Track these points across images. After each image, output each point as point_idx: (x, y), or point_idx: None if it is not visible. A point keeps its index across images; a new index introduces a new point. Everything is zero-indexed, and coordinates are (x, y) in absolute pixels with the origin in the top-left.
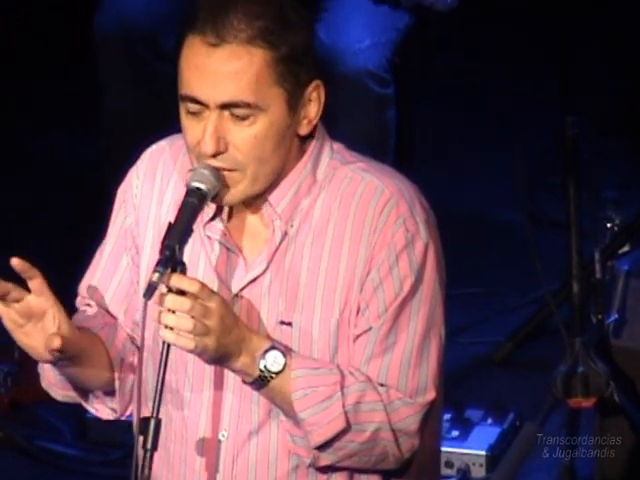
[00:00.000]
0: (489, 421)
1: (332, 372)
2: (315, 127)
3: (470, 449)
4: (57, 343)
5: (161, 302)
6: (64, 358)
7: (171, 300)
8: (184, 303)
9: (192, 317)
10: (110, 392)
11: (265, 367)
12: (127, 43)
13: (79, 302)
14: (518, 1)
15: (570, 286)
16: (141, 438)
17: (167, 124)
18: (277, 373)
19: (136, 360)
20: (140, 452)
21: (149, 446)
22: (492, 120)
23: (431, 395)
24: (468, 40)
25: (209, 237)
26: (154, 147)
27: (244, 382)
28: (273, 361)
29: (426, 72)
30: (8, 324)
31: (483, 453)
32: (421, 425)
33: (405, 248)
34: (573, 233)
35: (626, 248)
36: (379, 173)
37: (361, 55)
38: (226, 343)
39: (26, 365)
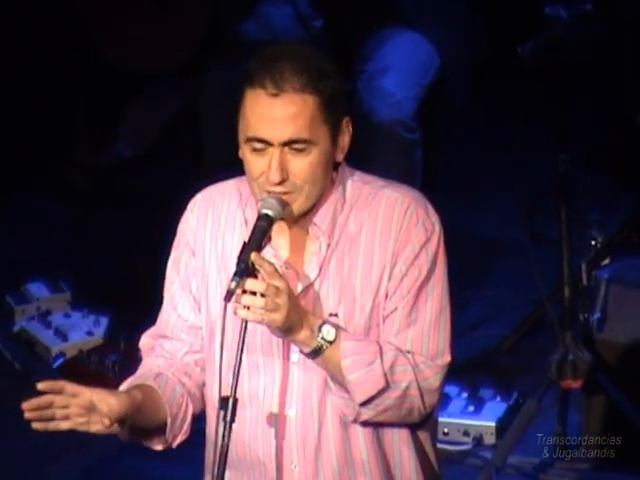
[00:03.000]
0: (498, 398)
1: (372, 343)
2: None
3: (483, 421)
4: (106, 423)
5: (238, 300)
6: (126, 420)
7: (251, 283)
8: (260, 284)
9: (265, 296)
10: (163, 429)
11: (322, 337)
12: (227, 111)
13: (144, 345)
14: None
15: (562, 290)
16: (222, 413)
17: None
18: (330, 342)
19: (184, 402)
20: (220, 424)
21: (228, 419)
22: (497, 158)
23: (447, 358)
24: (481, 95)
25: None
26: (199, 197)
27: (302, 352)
28: (327, 332)
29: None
30: (82, 428)
31: (493, 424)
32: (441, 383)
33: (425, 244)
34: (564, 248)
35: (607, 261)
36: (395, 187)
37: (392, 107)
38: (292, 318)
39: (130, 354)
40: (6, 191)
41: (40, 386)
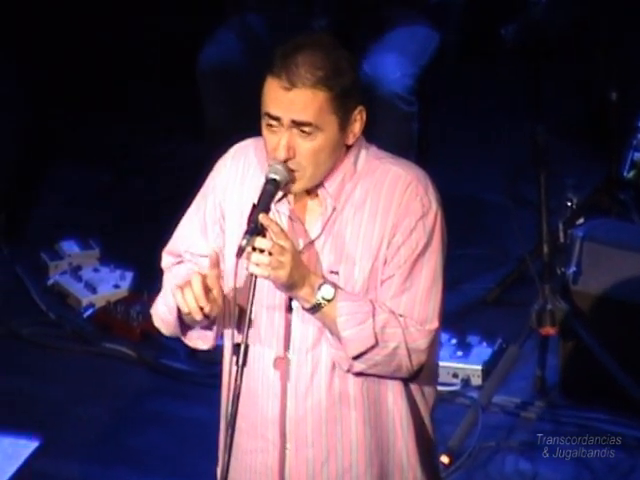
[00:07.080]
0: (484, 344)
1: (367, 304)
2: None
3: (470, 364)
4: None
5: (248, 257)
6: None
7: (259, 241)
8: (267, 243)
9: (270, 254)
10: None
11: (321, 296)
12: (223, 79)
13: (167, 264)
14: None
15: (541, 247)
16: (234, 358)
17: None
18: (328, 301)
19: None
20: (233, 368)
21: (240, 363)
22: (480, 130)
23: (435, 324)
24: (466, 74)
25: (278, 212)
26: (238, 145)
27: (303, 308)
28: (326, 291)
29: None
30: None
31: (480, 367)
32: (428, 346)
33: (421, 218)
34: (543, 210)
35: (581, 220)
36: (402, 165)
37: (393, 84)
38: (294, 276)
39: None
40: (42, 162)
41: None
